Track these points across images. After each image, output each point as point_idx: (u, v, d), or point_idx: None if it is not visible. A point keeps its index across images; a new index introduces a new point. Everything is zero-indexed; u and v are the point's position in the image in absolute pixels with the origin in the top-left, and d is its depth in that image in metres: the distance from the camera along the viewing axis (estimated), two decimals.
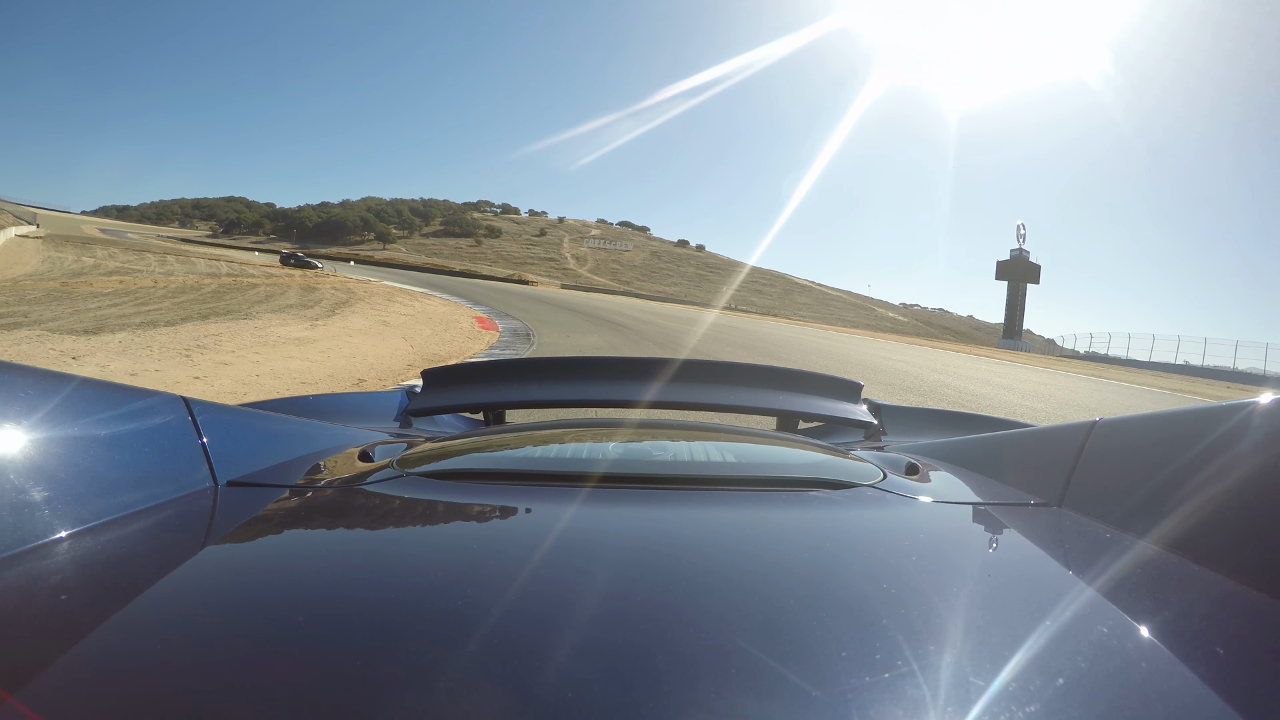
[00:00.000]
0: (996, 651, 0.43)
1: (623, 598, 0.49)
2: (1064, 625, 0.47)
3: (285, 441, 0.96)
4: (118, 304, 12.60)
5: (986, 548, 0.70)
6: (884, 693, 0.37)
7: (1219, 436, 0.67)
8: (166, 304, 13.26)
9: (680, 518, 0.69)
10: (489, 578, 0.54)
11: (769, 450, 1.13)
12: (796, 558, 0.60)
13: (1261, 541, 0.57)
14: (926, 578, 0.56)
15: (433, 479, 0.79)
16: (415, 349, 10.40)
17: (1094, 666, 0.42)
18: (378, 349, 9.94)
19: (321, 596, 0.50)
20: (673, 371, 1.92)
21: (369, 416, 1.65)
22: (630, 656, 0.41)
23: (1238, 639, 0.49)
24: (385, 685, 0.37)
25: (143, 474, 0.69)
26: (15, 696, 0.36)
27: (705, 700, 0.36)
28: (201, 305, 13.53)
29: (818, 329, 50.13)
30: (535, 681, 0.38)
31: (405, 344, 10.89)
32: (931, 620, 0.47)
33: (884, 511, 0.74)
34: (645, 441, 1.09)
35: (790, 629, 0.44)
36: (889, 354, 21.70)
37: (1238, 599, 0.54)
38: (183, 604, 0.49)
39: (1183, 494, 0.66)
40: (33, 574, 0.51)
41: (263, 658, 0.41)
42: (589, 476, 0.82)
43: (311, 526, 0.69)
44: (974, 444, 1.08)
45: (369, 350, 9.68)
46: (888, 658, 0.41)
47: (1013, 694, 0.38)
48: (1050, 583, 0.58)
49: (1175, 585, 0.58)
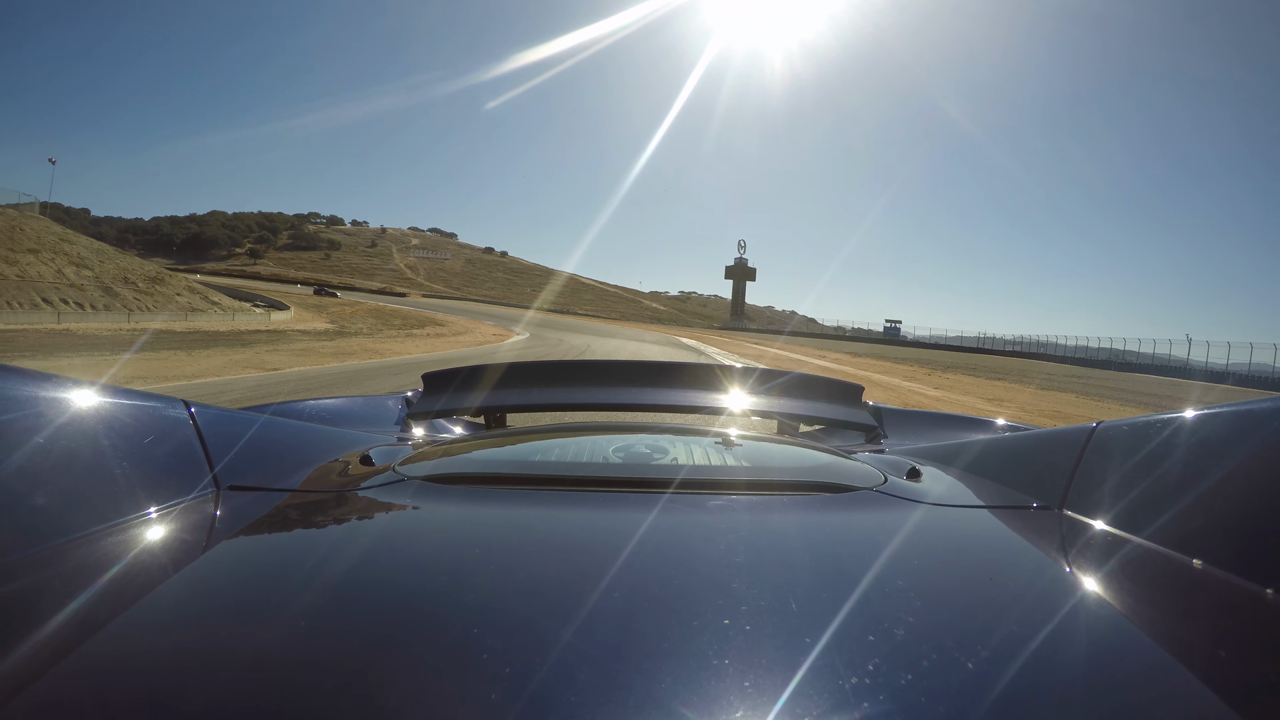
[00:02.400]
0: (1000, 654, 0.43)
1: (624, 601, 0.49)
2: (1067, 627, 0.47)
3: (287, 445, 0.98)
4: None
5: (989, 551, 0.70)
6: (888, 695, 0.37)
7: (1219, 439, 0.68)
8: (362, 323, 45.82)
9: (682, 522, 0.69)
10: (490, 582, 0.54)
11: (770, 454, 1.14)
12: (799, 561, 0.60)
13: (1262, 544, 0.58)
14: (929, 581, 0.56)
15: (434, 483, 0.79)
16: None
17: (1096, 668, 0.43)
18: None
19: (323, 600, 0.50)
20: (673, 375, 1.99)
21: (370, 420, 1.66)
22: (632, 659, 0.41)
23: (1239, 641, 0.49)
24: (386, 688, 0.37)
25: (145, 478, 0.69)
26: (21, 699, 0.36)
27: (708, 702, 0.36)
28: (372, 321, 45.25)
29: (587, 321, 78.33)
30: (536, 685, 0.38)
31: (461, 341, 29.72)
32: (935, 623, 0.47)
33: (885, 515, 0.74)
34: (645, 445, 1.09)
35: (794, 633, 0.45)
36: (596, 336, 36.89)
37: (1239, 601, 0.54)
38: (185, 608, 0.49)
39: (1184, 497, 0.66)
40: (36, 578, 0.52)
41: (265, 661, 0.41)
42: (590, 481, 0.82)
43: (313, 530, 0.69)
44: (975, 447, 1.10)
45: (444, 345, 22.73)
46: (891, 660, 0.41)
47: (1016, 696, 0.38)
48: (1053, 585, 0.58)
49: (1176, 588, 0.58)
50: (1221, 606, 0.55)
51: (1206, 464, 0.66)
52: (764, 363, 32.43)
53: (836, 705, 0.36)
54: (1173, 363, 59.24)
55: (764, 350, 34.17)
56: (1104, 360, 63.75)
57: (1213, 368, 53.63)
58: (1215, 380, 45.87)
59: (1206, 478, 0.65)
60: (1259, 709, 0.40)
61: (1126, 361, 63.43)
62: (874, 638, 0.44)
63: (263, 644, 0.43)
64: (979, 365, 39.53)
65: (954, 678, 0.40)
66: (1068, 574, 0.61)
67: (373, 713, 0.35)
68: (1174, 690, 0.42)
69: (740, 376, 1.95)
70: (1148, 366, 58.64)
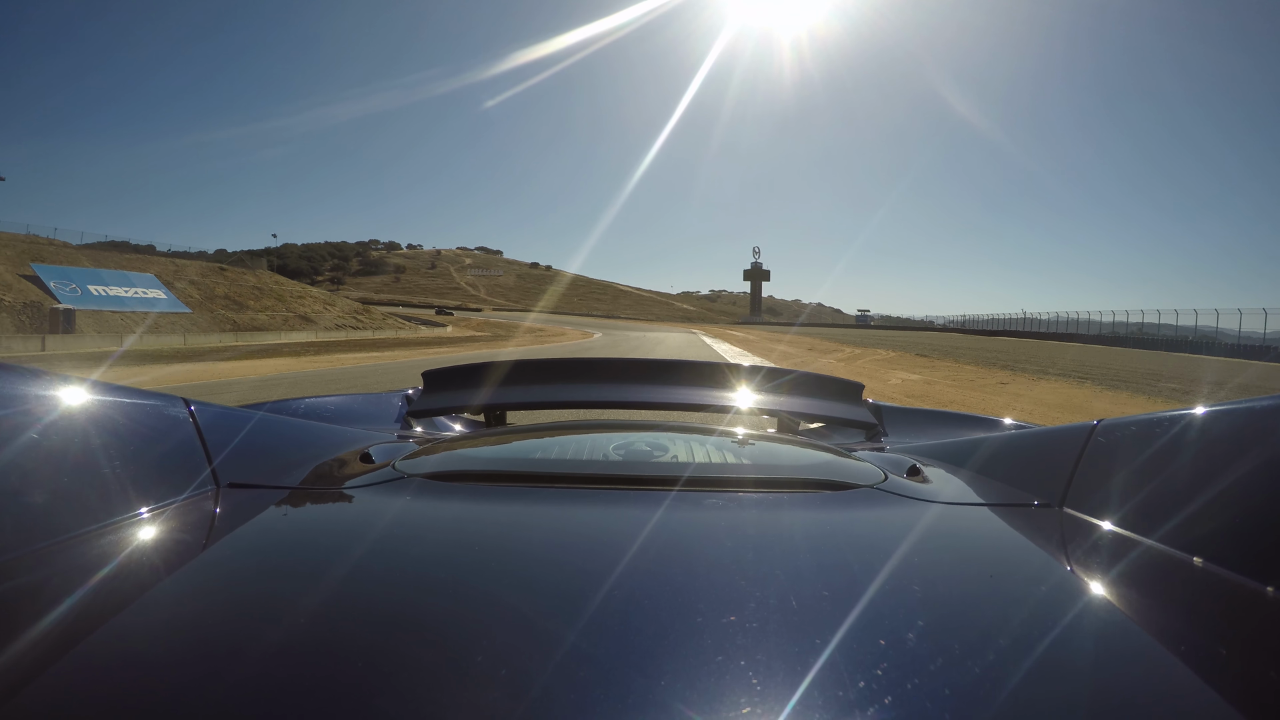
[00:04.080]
0: (1000, 651, 0.43)
1: (626, 599, 0.49)
2: (1067, 625, 0.48)
3: (287, 443, 0.98)
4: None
5: (989, 548, 0.70)
6: (889, 693, 0.37)
7: (1221, 437, 0.68)
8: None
9: (683, 519, 0.69)
10: (490, 579, 0.54)
11: (771, 451, 1.14)
12: (799, 559, 0.60)
13: (1263, 542, 0.57)
14: (929, 578, 0.56)
15: (433, 480, 0.79)
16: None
17: (1096, 666, 0.43)
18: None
19: (323, 598, 0.50)
20: (673, 373, 1.96)
21: (370, 418, 1.65)
22: (634, 657, 0.41)
23: (1240, 639, 0.49)
24: (387, 686, 0.37)
25: (145, 476, 0.69)
26: (20, 697, 0.36)
27: (710, 701, 0.36)
28: (491, 329, 65.50)
29: (631, 323, 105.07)
30: (538, 683, 0.38)
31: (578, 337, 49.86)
32: (935, 620, 0.47)
33: (886, 512, 0.74)
34: (646, 443, 1.09)
35: (794, 630, 0.45)
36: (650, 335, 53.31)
37: (1240, 599, 0.54)
38: (185, 606, 0.49)
39: (1184, 494, 0.66)
40: (36, 576, 0.52)
41: (265, 659, 0.41)
42: (591, 478, 0.82)
43: (313, 528, 0.69)
44: (975, 445, 1.10)
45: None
46: (892, 658, 0.41)
47: (1016, 693, 0.38)
48: (1053, 583, 0.58)
49: (1177, 585, 0.58)
50: (1222, 605, 0.54)
51: (1207, 462, 0.66)
52: (725, 341, 37.74)
53: (837, 702, 0.36)
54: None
55: (729, 334, 49.51)
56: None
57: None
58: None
59: (1207, 475, 0.65)
60: (1259, 707, 0.40)
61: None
62: (874, 635, 0.44)
63: (262, 642, 0.43)
64: (922, 344, 38.87)
65: (954, 674, 0.40)
66: (1068, 572, 0.61)
67: (374, 710, 0.35)
68: (1174, 688, 0.42)
69: (740, 375, 1.95)
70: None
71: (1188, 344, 41.00)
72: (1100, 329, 59.42)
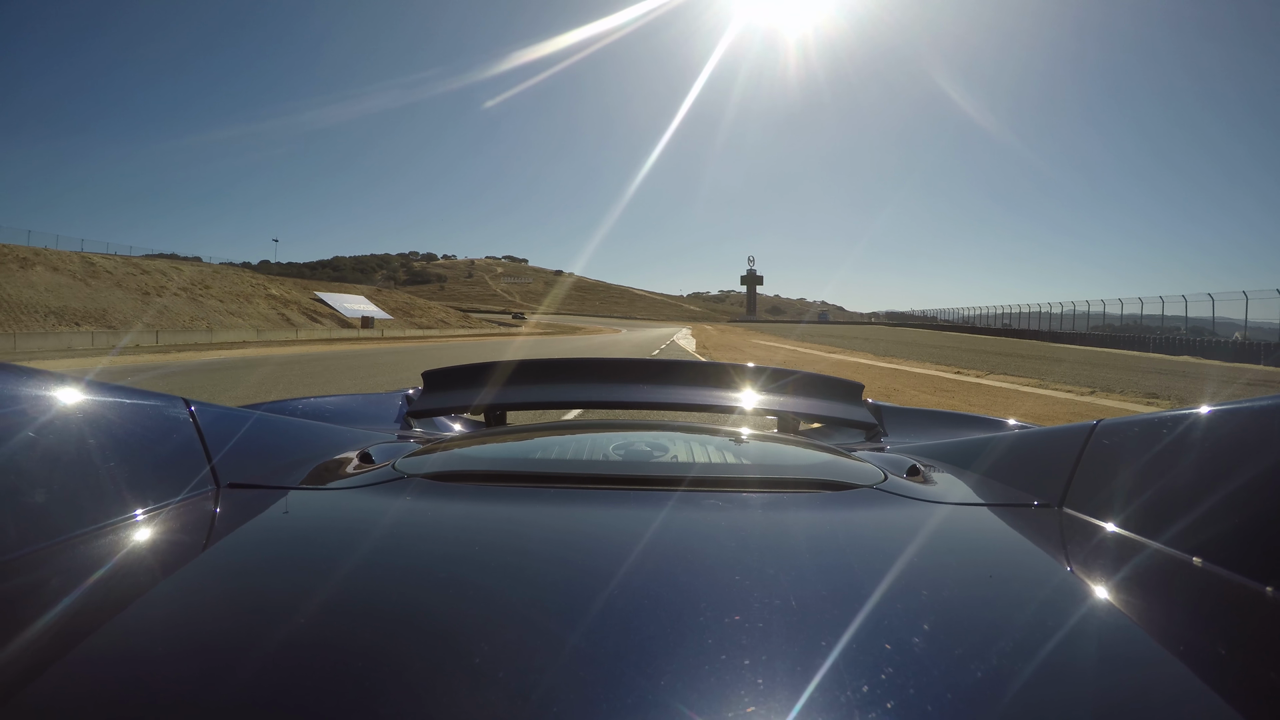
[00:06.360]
0: (999, 651, 0.43)
1: (626, 599, 0.49)
2: (1066, 626, 0.47)
3: (287, 443, 0.98)
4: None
5: (989, 548, 0.70)
6: (888, 693, 0.37)
7: (1220, 437, 0.67)
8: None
9: (683, 519, 0.69)
10: (490, 579, 0.54)
11: (771, 451, 1.13)
12: (799, 559, 0.60)
13: (1263, 542, 0.58)
14: (929, 578, 0.56)
15: (433, 481, 0.79)
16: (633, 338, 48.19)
17: (1096, 667, 0.43)
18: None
19: (323, 598, 0.50)
20: (673, 373, 1.95)
21: (370, 418, 1.65)
22: (634, 657, 0.41)
23: (1240, 640, 0.49)
24: (387, 686, 0.37)
25: (145, 476, 0.69)
26: (20, 697, 0.36)
27: (712, 701, 0.36)
28: (544, 327, 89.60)
29: (644, 322, 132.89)
30: (538, 683, 0.38)
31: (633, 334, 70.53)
32: (935, 621, 0.47)
33: (885, 512, 0.74)
34: (646, 443, 1.09)
35: (795, 630, 0.45)
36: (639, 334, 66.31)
37: (1240, 599, 0.54)
38: (185, 606, 0.49)
39: (1184, 495, 0.66)
40: (36, 576, 0.52)
41: (265, 659, 0.41)
42: (591, 478, 0.82)
43: (313, 528, 0.69)
44: (975, 445, 1.09)
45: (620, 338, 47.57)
46: (891, 658, 0.41)
47: (1016, 693, 0.39)
48: (1052, 583, 0.58)
49: (1177, 586, 0.58)
50: (1221, 604, 0.55)
51: (1206, 462, 0.66)
52: (689, 333, 44.77)
53: (838, 702, 0.36)
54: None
55: (704, 329, 62.39)
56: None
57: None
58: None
59: (1206, 475, 0.65)
60: (1258, 707, 0.40)
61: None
62: (875, 635, 0.44)
63: (262, 642, 0.43)
64: (871, 336, 40.60)
65: (954, 674, 0.40)
66: (1067, 572, 0.61)
67: (374, 711, 0.35)
68: (1174, 689, 0.42)
69: (741, 375, 1.95)
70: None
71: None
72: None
